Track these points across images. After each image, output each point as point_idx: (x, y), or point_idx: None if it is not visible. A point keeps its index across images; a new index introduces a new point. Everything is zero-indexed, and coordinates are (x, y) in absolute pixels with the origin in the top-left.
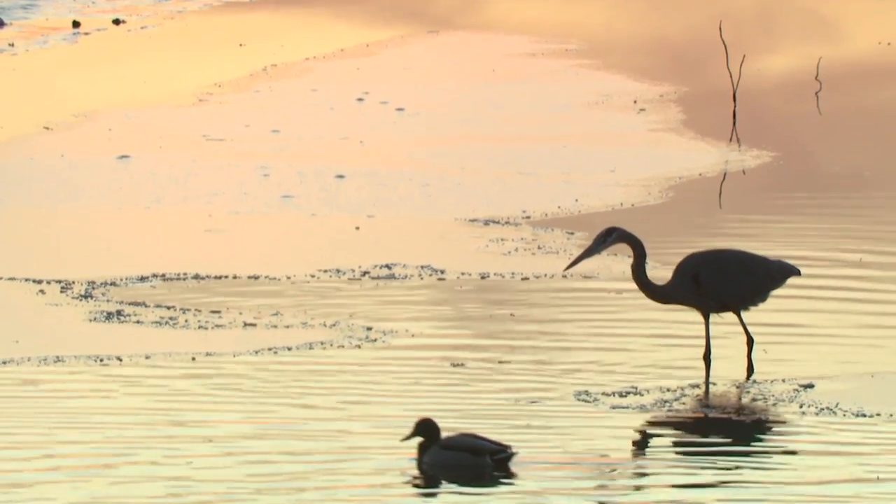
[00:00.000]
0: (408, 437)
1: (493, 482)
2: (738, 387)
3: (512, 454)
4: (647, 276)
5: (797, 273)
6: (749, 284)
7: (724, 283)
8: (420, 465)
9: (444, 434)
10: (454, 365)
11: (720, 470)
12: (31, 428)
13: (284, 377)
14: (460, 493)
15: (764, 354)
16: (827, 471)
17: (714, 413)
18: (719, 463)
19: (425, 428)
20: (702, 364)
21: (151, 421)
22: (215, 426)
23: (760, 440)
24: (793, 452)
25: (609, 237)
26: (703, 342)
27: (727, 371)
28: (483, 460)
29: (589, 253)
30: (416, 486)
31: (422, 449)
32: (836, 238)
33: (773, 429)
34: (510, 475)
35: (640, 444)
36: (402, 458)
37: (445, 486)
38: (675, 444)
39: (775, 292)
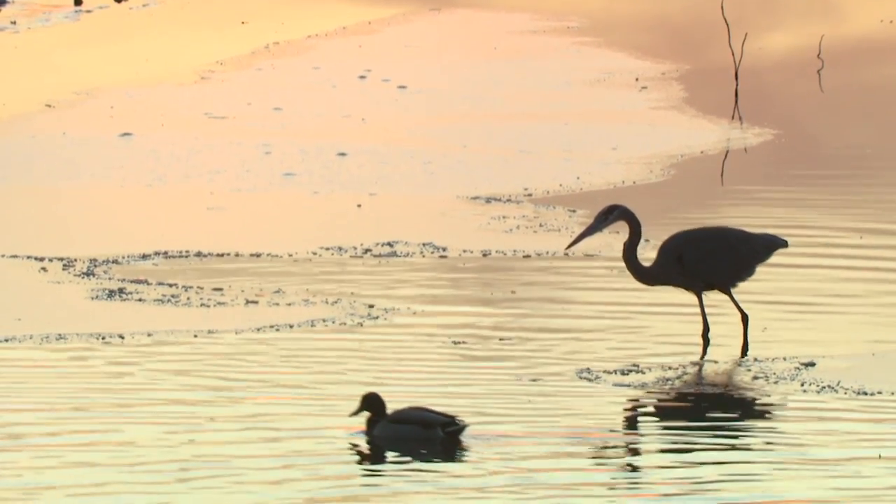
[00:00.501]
0: (355, 412)
1: (451, 456)
2: (739, 365)
3: (463, 427)
4: (636, 257)
5: (784, 245)
6: (732, 262)
7: (708, 262)
8: (370, 439)
9: (392, 408)
10: (455, 343)
11: (721, 449)
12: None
13: (286, 354)
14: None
15: (764, 332)
16: (829, 449)
17: (715, 391)
18: (720, 441)
19: (371, 402)
20: (706, 341)
21: (151, 399)
22: (218, 405)
23: (762, 418)
24: (794, 431)
25: (611, 214)
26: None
27: (729, 349)
28: (434, 433)
29: (591, 231)
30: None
31: (370, 423)
32: (838, 215)
33: (775, 407)
34: (461, 448)
35: (642, 422)
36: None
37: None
38: (677, 422)
39: (776, 271)
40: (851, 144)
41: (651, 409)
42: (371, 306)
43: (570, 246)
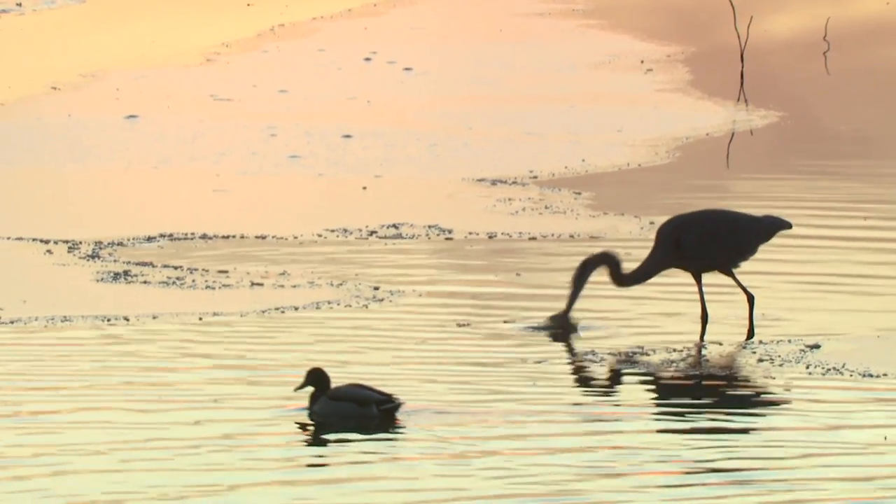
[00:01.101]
0: (300, 387)
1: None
2: (744, 347)
3: (398, 404)
4: (625, 277)
5: (788, 226)
6: (732, 244)
7: (706, 245)
8: (311, 415)
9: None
10: (459, 325)
11: (727, 431)
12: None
13: (291, 336)
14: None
15: (768, 314)
16: (834, 431)
17: (720, 373)
18: (726, 424)
19: (316, 377)
20: (708, 325)
21: (156, 381)
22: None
23: (767, 401)
24: (799, 413)
25: (586, 270)
26: (711, 303)
27: (733, 331)
28: (369, 410)
29: (574, 294)
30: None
31: (313, 399)
32: (842, 197)
33: (781, 389)
34: (396, 425)
35: (647, 404)
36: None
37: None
38: (681, 404)
39: (780, 253)
40: (857, 126)
41: (655, 390)
42: (376, 288)
43: (559, 319)
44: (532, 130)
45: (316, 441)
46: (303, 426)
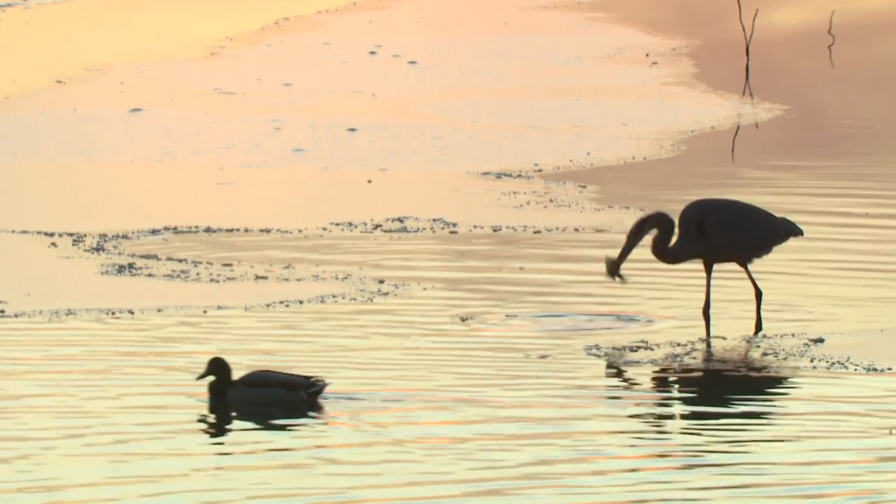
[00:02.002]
0: (201, 376)
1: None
2: (748, 341)
3: (323, 386)
4: (665, 248)
5: (800, 233)
6: (754, 235)
7: (729, 231)
8: (215, 405)
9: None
10: (463, 319)
11: (731, 425)
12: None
13: (295, 329)
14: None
15: (773, 308)
16: (839, 425)
17: (724, 367)
18: (730, 418)
19: (217, 366)
20: (711, 319)
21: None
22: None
23: (771, 394)
24: (804, 407)
25: (644, 228)
26: (713, 297)
27: (737, 325)
28: (298, 395)
29: (628, 248)
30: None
31: (214, 389)
32: (847, 190)
33: (785, 383)
34: (320, 408)
35: (649, 399)
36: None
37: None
38: (687, 398)
39: (784, 247)
40: (862, 120)
41: (659, 384)
42: (381, 282)
43: (613, 273)
44: (537, 124)
45: (243, 429)
46: (220, 415)
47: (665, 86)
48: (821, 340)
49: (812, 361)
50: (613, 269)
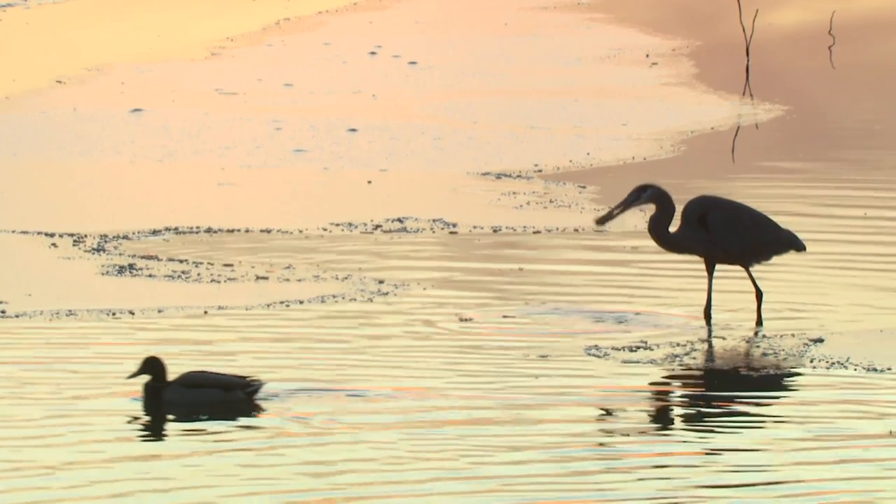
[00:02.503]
0: (134, 375)
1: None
2: (747, 342)
3: (260, 385)
4: (664, 230)
5: (802, 248)
6: (755, 238)
7: (730, 228)
8: (150, 405)
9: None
10: (462, 320)
11: (730, 425)
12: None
13: (294, 330)
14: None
15: (772, 309)
16: (839, 425)
17: (724, 368)
18: (730, 418)
19: (152, 366)
20: (712, 319)
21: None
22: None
23: (771, 395)
24: (804, 407)
25: (643, 193)
26: (714, 298)
27: (737, 326)
28: (235, 395)
29: (622, 207)
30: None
31: (150, 389)
32: (847, 191)
33: (784, 384)
34: (259, 408)
35: (649, 399)
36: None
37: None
38: (686, 399)
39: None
40: (862, 120)
41: (659, 385)
42: (381, 282)
43: (601, 221)
44: (537, 124)
45: (179, 428)
46: (142, 414)
47: (665, 86)
48: (820, 341)
49: (812, 362)
50: (603, 218)
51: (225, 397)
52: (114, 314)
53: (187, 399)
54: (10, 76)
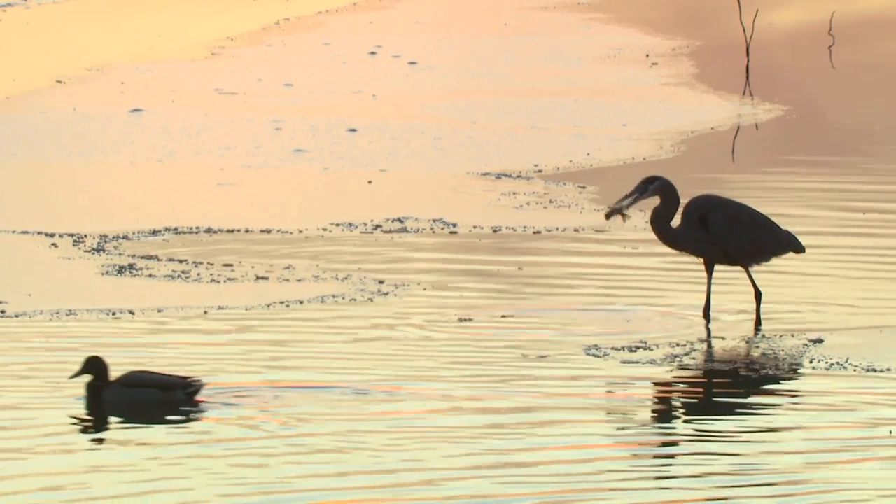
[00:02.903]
0: (75, 375)
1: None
2: (746, 342)
3: (201, 386)
4: (666, 224)
5: (801, 250)
6: (755, 239)
7: (731, 228)
8: (93, 404)
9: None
10: (461, 320)
11: (730, 426)
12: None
13: (295, 330)
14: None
15: (771, 309)
16: (839, 426)
17: (723, 368)
18: (729, 419)
19: (94, 366)
20: (711, 320)
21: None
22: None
23: (770, 396)
24: (804, 407)
25: (650, 185)
26: (713, 298)
27: (736, 326)
28: (175, 395)
29: (630, 201)
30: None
31: (92, 388)
32: (846, 192)
33: (784, 384)
34: (198, 408)
35: (649, 399)
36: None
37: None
38: (686, 399)
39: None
40: (861, 120)
41: (658, 385)
42: (381, 282)
43: (609, 215)
44: (537, 124)
45: (118, 428)
46: (82, 418)
47: (665, 86)
48: (820, 341)
49: (811, 362)
50: (612, 211)
51: (163, 397)
52: (114, 314)
53: (126, 398)
54: (10, 76)
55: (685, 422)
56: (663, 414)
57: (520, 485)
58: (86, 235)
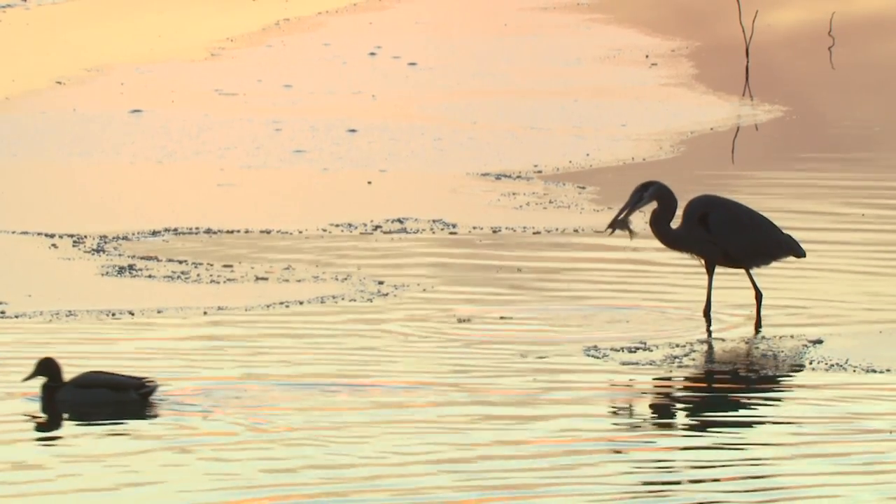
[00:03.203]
0: (29, 377)
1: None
2: (747, 342)
3: (155, 387)
4: (667, 226)
5: (802, 255)
6: (756, 241)
7: (732, 231)
8: (47, 405)
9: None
10: (460, 320)
11: (730, 426)
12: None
13: (295, 331)
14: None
15: (772, 309)
16: (839, 426)
17: (723, 369)
18: (729, 419)
19: (47, 367)
20: (711, 320)
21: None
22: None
23: (770, 396)
24: (803, 409)
25: (645, 192)
26: (713, 298)
27: (736, 327)
28: (128, 395)
29: (628, 209)
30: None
31: (47, 389)
32: (846, 192)
33: (783, 385)
34: (153, 408)
35: (648, 399)
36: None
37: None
38: (685, 400)
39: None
40: (861, 122)
41: (658, 386)
42: (380, 283)
43: (612, 228)
44: (536, 125)
45: (68, 429)
46: (39, 415)
47: (664, 87)
48: (819, 342)
49: (811, 363)
50: (613, 223)
51: (116, 398)
52: (113, 314)
53: (78, 399)
54: (10, 76)
55: (685, 422)
56: (663, 414)
57: (515, 479)
58: (86, 236)
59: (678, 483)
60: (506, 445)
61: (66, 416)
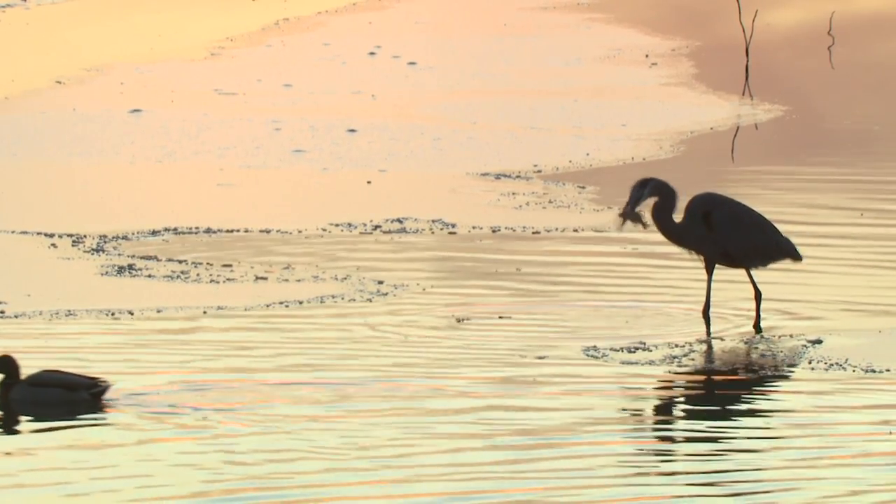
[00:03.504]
0: None
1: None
2: (746, 342)
3: (107, 387)
4: (670, 220)
5: (799, 258)
6: (756, 241)
7: (733, 227)
8: (1, 403)
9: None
10: (460, 320)
11: (729, 426)
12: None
13: (293, 330)
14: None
15: (771, 309)
16: (838, 427)
17: (722, 369)
18: (728, 419)
19: (4, 364)
20: (711, 320)
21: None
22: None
23: (770, 396)
24: (802, 409)
25: (644, 188)
26: (713, 298)
27: (735, 326)
28: (80, 395)
29: (631, 205)
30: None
31: (3, 387)
32: (845, 192)
33: (783, 385)
34: (105, 408)
35: (648, 400)
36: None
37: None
38: (684, 400)
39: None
40: (861, 121)
41: (657, 386)
42: (380, 282)
43: (621, 224)
44: (536, 125)
45: (22, 428)
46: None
47: (664, 87)
48: (819, 342)
49: (811, 363)
50: (623, 215)
51: (68, 397)
52: (113, 314)
53: (31, 397)
54: (10, 76)
55: (684, 422)
56: (662, 414)
57: (515, 482)
58: (85, 236)
59: (678, 483)
60: (506, 445)
61: (19, 413)
